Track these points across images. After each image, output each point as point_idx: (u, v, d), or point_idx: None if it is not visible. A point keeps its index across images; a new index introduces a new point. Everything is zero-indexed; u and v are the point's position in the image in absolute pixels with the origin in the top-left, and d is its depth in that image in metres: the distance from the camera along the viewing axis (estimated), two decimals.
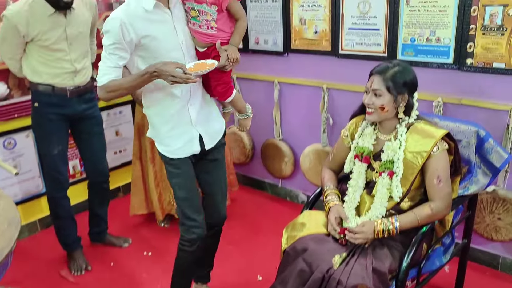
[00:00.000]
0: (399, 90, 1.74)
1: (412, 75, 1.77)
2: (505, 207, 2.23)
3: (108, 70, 1.73)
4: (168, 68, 1.67)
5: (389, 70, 1.75)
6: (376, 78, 1.76)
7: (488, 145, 1.95)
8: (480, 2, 2.07)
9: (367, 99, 1.79)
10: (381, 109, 1.76)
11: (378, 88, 1.75)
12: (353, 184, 1.86)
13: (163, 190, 2.89)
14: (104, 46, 1.72)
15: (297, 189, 3.25)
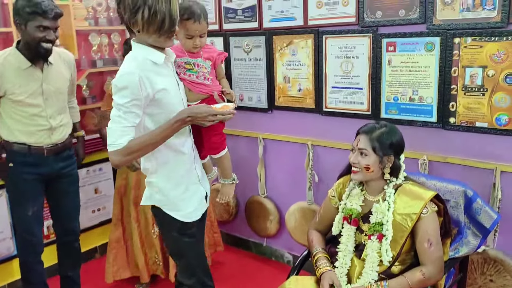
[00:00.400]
0: (385, 151, 1.73)
1: (398, 137, 1.76)
2: (497, 268, 2.17)
3: (125, 130, 1.57)
4: (203, 109, 1.64)
5: (375, 130, 1.74)
6: (363, 138, 1.75)
7: (477, 205, 1.93)
8: (460, 64, 2.12)
9: (352, 157, 1.77)
10: (366, 169, 1.74)
11: (364, 148, 1.73)
12: (343, 248, 1.79)
13: (148, 250, 2.77)
14: (118, 105, 1.56)
15: (282, 248, 3.14)
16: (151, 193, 1.79)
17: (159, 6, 1.54)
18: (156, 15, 1.55)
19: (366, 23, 2.39)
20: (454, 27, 2.11)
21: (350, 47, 2.49)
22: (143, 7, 1.54)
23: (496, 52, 2.01)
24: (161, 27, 1.58)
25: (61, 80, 2.32)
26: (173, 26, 1.61)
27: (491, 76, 2.05)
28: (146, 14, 1.55)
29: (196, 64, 1.82)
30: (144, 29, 1.59)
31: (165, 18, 1.57)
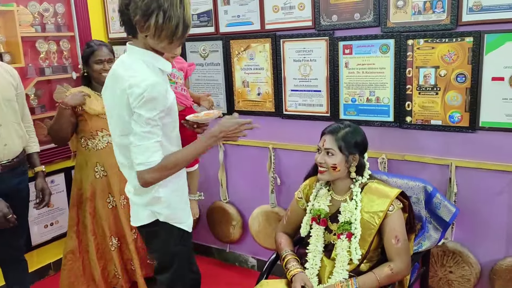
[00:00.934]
0: (350, 150, 1.76)
1: (362, 136, 1.81)
2: (455, 259, 2.26)
3: (156, 146, 1.51)
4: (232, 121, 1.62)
5: (340, 130, 1.78)
6: (328, 138, 1.78)
7: (436, 200, 2.00)
8: (414, 64, 2.20)
9: (319, 157, 1.79)
10: (333, 169, 1.76)
11: (330, 148, 1.76)
12: (312, 249, 1.80)
13: (108, 263, 2.67)
14: (146, 120, 1.48)
15: (246, 253, 3.12)
16: (157, 209, 1.68)
17: (174, 11, 1.48)
18: (171, 20, 1.48)
19: (322, 26, 2.43)
20: (407, 30, 2.19)
21: (307, 50, 2.52)
22: (158, 10, 1.46)
23: (447, 53, 2.11)
24: (175, 33, 1.51)
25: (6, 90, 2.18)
26: (186, 32, 1.54)
27: (443, 75, 2.14)
28: (160, 19, 1.47)
29: (173, 75, 1.82)
30: (156, 34, 1.51)
31: (179, 24, 1.50)
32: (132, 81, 1.50)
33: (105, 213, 2.60)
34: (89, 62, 2.51)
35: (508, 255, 2.16)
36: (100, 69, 2.50)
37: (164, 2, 1.47)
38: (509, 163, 2.08)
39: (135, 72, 1.53)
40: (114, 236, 2.64)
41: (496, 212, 2.17)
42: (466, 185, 2.21)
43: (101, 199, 2.59)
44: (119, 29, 3.27)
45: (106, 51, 2.53)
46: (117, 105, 1.57)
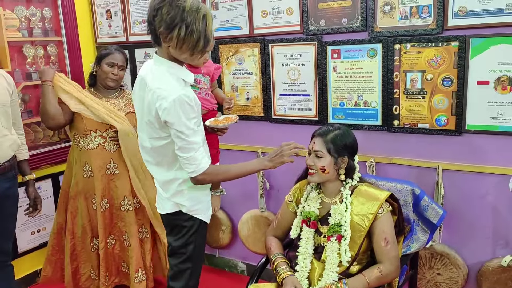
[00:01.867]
0: (339, 152, 1.77)
1: (352, 139, 1.82)
2: (443, 261, 2.28)
3: (201, 153, 1.66)
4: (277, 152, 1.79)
5: (330, 133, 1.79)
6: (318, 140, 1.79)
7: (424, 202, 2.02)
8: (401, 69, 2.23)
9: (309, 160, 1.81)
10: (322, 171, 1.77)
11: (319, 150, 1.77)
12: (303, 251, 1.81)
13: (83, 264, 2.64)
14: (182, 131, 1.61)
15: (236, 258, 3.11)
16: (180, 201, 1.80)
17: (196, 25, 1.57)
18: (192, 34, 1.57)
19: (311, 31, 2.45)
20: (394, 34, 2.22)
21: (296, 55, 2.54)
22: (181, 24, 1.55)
23: (433, 57, 2.14)
24: (196, 46, 1.60)
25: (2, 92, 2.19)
26: (207, 46, 1.63)
27: (430, 79, 2.17)
28: (182, 32, 1.56)
29: (198, 81, 1.91)
30: (178, 46, 1.60)
31: (200, 38, 1.59)
32: (159, 93, 1.60)
33: (88, 213, 2.59)
34: (101, 63, 2.52)
35: (495, 257, 2.19)
36: (109, 72, 2.51)
37: (187, 16, 1.56)
38: (495, 166, 2.11)
39: (162, 84, 1.63)
40: (96, 238, 2.62)
41: (483, 214, 2.20)
42: (453, 188, 2.23)
43: (86, 199, 2.58)
44: (107, 34, 3.26)
45: (121, 57, 2.55)
46: (146, 113, 1.68)
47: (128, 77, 3.21)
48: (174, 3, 1.56)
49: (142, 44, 3.10)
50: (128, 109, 2.61)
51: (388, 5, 2.20)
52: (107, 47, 2.57)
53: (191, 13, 1.56)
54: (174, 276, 1.89)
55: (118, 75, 2.54)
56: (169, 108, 1.58)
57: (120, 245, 2.64)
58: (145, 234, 2.70)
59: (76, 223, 2.60)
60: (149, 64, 1.75)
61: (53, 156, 3.01)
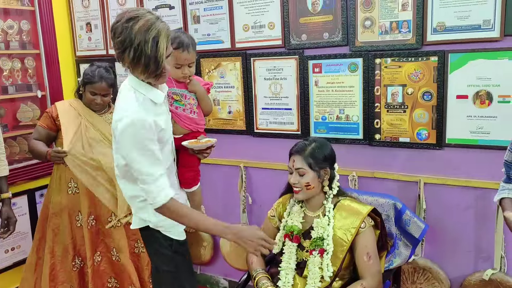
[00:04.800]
0: (320, 165, 1.76)
1: (329, 148, 1.82)
2: (426, 276, 2.28)
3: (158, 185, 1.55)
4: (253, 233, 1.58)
5: (307, 148, 1.78)
6: (297, 158, 1.77)
7: (406, 216, 2.01)
8: (382, 83, 2.24)
9: (292, 179, 1.78)
10: (307, 187, 1.76)
11: (300, 167, 1.75)
12: (285, 266, 1.78)
13: (61, 285, 2.52)
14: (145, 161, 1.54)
15: (217, 274, 3.05)
16: (145, 217, 1.73)
17: (144, 48, 1.49)
18: (140, 58, 1.51)
19: (292, 45, 2.45)
20: (374, 49, 2.23)
21: (278, 69, 2.54)
22: (130, 47, 1.50)
23: (414, 72, 2.16)
24: (146, 70, 1.53)
25: None
26: (157, 69, 1.55)
27: (410, 94, 2.19)
28: (131, 55, 1.50)
29: (184, 96, 1.84)
30: (131, 68, 1.57)
31: (150, 62, 1.52)
32: (117, 114, 1.56)
33: (71, 231, 2.50)
34: (85, 86, 2.44)
35: (477, 270, 2.19)
36: (92, 100, 2.45)
37: (135, 39, 1.49)
38: (475, 179, 2.13)
39: (123, 104, 1.58)
40: (78, 256, 2.54)
41: (464, 228, 2.20)
42: (435, 202, 2.24)
43: (69, 216, 2.49)
44: (87, 47, 3.21)
45: (104, 86, 2.43)
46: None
47: None
48: (124, 25, 1.49)
49: None
50: None
51: (369, 20, 2.22)
52: (93, 70, 2.44)
53: (139, 35, 1.49)
54: None
55: (102, 102, 2.47)
56: (122, 131, 1.52)
57: (107, 261, 2.56)
58: (141, 249, 2.64)
59: (57, 241, 2.51)
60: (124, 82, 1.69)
61: (29, 171, 2.93)
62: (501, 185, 1.64)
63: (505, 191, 1.60)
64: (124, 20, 1.49)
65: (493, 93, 2.02)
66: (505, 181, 1.63)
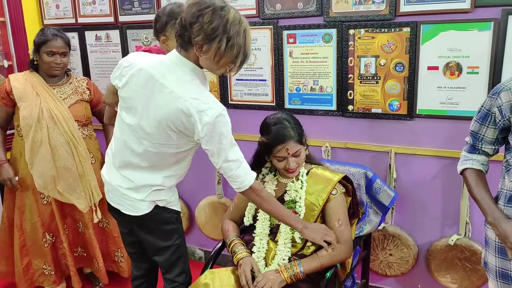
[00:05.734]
0: (304, 135, 1.80)
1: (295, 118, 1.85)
2: (395, 242, 2.35)
3: (242, 170, 1.62)
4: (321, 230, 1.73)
5: (289, 130, 1.76)
6: (289, 144, 1.74)
7: (376, 185, 2.07)
8: (355, 54, 2.25)
9: (290, 164, 1.77)
10: (300, 163, 1.79)
11: (296, 150, 1.76)
12: (259, 232, 1.82)
13: (35, 260, 2.53)
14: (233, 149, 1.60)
15: (193, 245, 3.08)
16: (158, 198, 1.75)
17: (237, 39, 1.48)
18: (233, 48, 1.48)
19: (267, 15, 2.43)
20: (348, 19, 2.23)
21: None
22: (222, 36, 1.46)
23: (386, 43, 2.17)
24: (234, 61, 1.52)
25: None
26: (244, 61, 1.56)
27: (383, 65, 2.21)
28: (223, 45, 1.46)
29: None
30: (215, 59, 1.50)
31: (240, 53, 1.51)
32: (198, 106, 1.51)
33: (37, 209, 2.46)
34: (40, 51, 2.31)
35: (443, 236, 2.28)
36: (51, 62, 2.32)
37: (231, 29, 1.46)
38: (443, 149, 2.18)
39: (198, 95, 1.53)
40: (48, 232, 2.51)
41: (432, 196, 2.27)
42: (405, 171, 2.30)
43: (33, 194, 2.44)
44: (55, 15, 3.10)
45: (61, 43, 2.33)
46: (164, 118, 1.55)
47: (78, 61, 3.08)
48: (218, 12, 1.45)
49: (93, 26, 2.98)
50: (76, 97, 2.45)
51: None
52: (44, 31, 2.35)
53: (234, 25, 1.47)
54: (169, 268, 1.87)
55: (61, 62, 2.35)
56: (212, 124, 1.51)
57: (73, 232, 2.57)
58: (105, 224, 2.64)
59: (25, 219, 2.47)
60: (161, 62, 1.60)
61: None
62: (464, 155, 1.66)
63: (468, 161, 1.63)
64: (218, 8, 1.45)
65: (462, 64, 2.06)
66: (468, 151, 1.65)
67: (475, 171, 1.61)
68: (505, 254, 1.51)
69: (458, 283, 2.25)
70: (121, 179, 1.73)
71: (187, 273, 1.93)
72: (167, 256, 1.85)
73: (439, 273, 2.29)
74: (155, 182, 1.71)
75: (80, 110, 2.44)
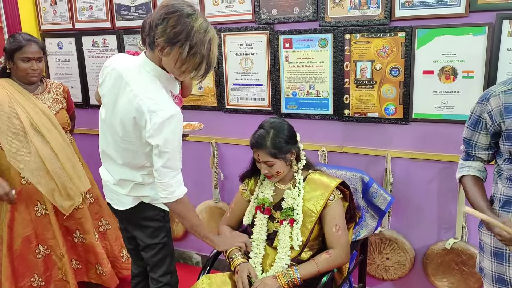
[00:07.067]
0: (285, 151, 1.76)
1: (287, 129, 1.80)
2: (392, 246, 2.36)
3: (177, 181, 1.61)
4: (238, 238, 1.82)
5: (267, 139, 1.74)
6: (260, 152, 1.76)
7: (373, 189, 2.07)
8: (351, 58, 2.26)
9: (262, 169, 1.80)
10: (277, 174, 1.79)
11: (267, 160, 1.76)
12: (256, 237, 1.82)
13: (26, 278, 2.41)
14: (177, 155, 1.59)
15: (190, 250, 3.08)
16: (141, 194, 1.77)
17: (200, 48, 1.50)
18: (195, 56, 1.50)
19: (263, 20, 2.44)
20: (344, 24, 2.24)
21: (248, 44, 2.52)
22: (184, 42, 1.48)
23: (382, 47, 2.18)
24: (197, 69, 1.54)
25: None
26: (209, 71, 1.57)
27: (379, 69, 2.22)
28: (185, 52, 1.49)
29: None
30: (177, 64, 1.53)
31: (203, 62, 1.52)
32: (150, 106, 1.51)
33: (31, 221, 2.37)
34: (14, 58, 2.22)
35: (440, 240, 2.28)
36: (28, 68, 2.23)
37: (194, 37, 1.48)
38: (438, 152, 2.19)
39: (153, 95, 1.54)
40: (43, 245, 2.44)
41: (428, 200, 2.28)
42: (401, 175, 2.30)
43: (26, 208, 2.35)
44: (52, 20, 3.11)
45: (36, 48, 2.24)
46: (124, 115, 1.59)
47: (75, 66, 3.08)
48: (183, 19, 1.47)
49: (90, 31, 2.98)
50: (58, 106, 2.40)
51: None
52: (16, 37, 2.24)
53: (198, 34, 1.49)
54: (154, 267, 1.88)
55: (38, 68, 2.26)
56: (161, 124, 1.51)
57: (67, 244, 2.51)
58: (106, 226, 2.63)
59: (14, 234, 2.35)
60: (130, 61, 1.65)
61: None
62: (461, 163, 1.67)
63: (464, 168, 1.64)
64: (184, 14, 1.47)
65: (457, 68, 2.07)
66: (464, 159, 1.66)
67: (471, 177, 1.61)
68: (501, 258, 1.52)
69: (454, 287, 2.26)
70: (107, 174, 1.82)
71: (173, 274, 1.93)
72: (153, 253, 1.86)
73: (436, 276, 2.29)
74: (135, 179, 1.74)
75: (64, 117, 2.42)
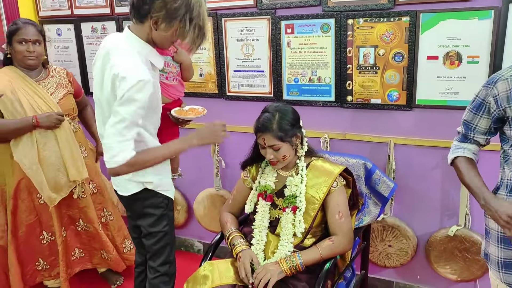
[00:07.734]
0: (291, 134, 1.74)
1: (292, 113, 1.78)
2: (394, 233, 2.35)
3: (123, 145, 1.52)
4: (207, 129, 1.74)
5: (273, 122, 1.72)
6: (266, 136, 1.73)
7: (376, 176, 2.06)
8: (354, 44, 2.23)
9: (268, 155, 1.76)
10: (283, 159, 1.76)
11: (273, 144, 1.73)
12: (258, 224, 1.81)
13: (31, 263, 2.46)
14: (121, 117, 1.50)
15: (192, 237, 3.08)
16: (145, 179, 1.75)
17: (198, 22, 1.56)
18: (195, 28, 1.56)
19: (264, 5, 2.40)
20: (347, 9, 2.21)
21: (249, 29, 2.49)
22: (185, 16, 1.53)
23: (385, 32, 2.15)
24: (195, 41, 1.59)
25: None
26: (202, 42, 1.63)
27: (382, 55, 2.18)
28: (186, 24, 1.53)
29: (166, 63, 1.79)
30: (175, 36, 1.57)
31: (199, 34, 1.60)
32: (122, 71, 1.50)
33: (34, 208, 2.39)
34: (12, 42, 2.22)
35: (442, 227, 2.27)
36: (24, 51, 2.22)
37: (193, 11, 1.53)
38: (442, 139, 2.17)
39: (127, 63, 1.53)
40: (47, 231, 2.46)
41: (432, 187, 2.26)
42: (404, 162, 2.28)
43: (29, 195, 2.36)
44: (51, 6, 3.06)
45: (33, 30, 2.24)
46: (105, 89, 1.59)
47: (74, 52, 3.05)
48: None
49: (89, 17, 2.94)
50: (63, 91, 2.38)
51: None
52: (15, 21, 2.26)
53: (196, 6, 1.52)
54: (154, 255, 1.87)
55: (34, 51, 2.24)
56: (128, 88, 1.48)
57: (71, 233, 2.52)
58: (108, 217, 2.62)
59: (17, 221, 2.39)
60: (117, 38, 1.65)
61: None
62: (455, 144, 1.64)
63: (459, 150, 1.61)
64: None
65: (462, 53, 2.04)
66: (460, 140, 1.64)
67: (466, 159, 1.59)
68: (508, 244, 1.50)
69: (457, 274, 2.25)
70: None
71: (172, 264, 1.91)
72: (154, 241, 1.85)
73: (438, 264, 2.28)
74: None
75: (69, 103, 2.40)
